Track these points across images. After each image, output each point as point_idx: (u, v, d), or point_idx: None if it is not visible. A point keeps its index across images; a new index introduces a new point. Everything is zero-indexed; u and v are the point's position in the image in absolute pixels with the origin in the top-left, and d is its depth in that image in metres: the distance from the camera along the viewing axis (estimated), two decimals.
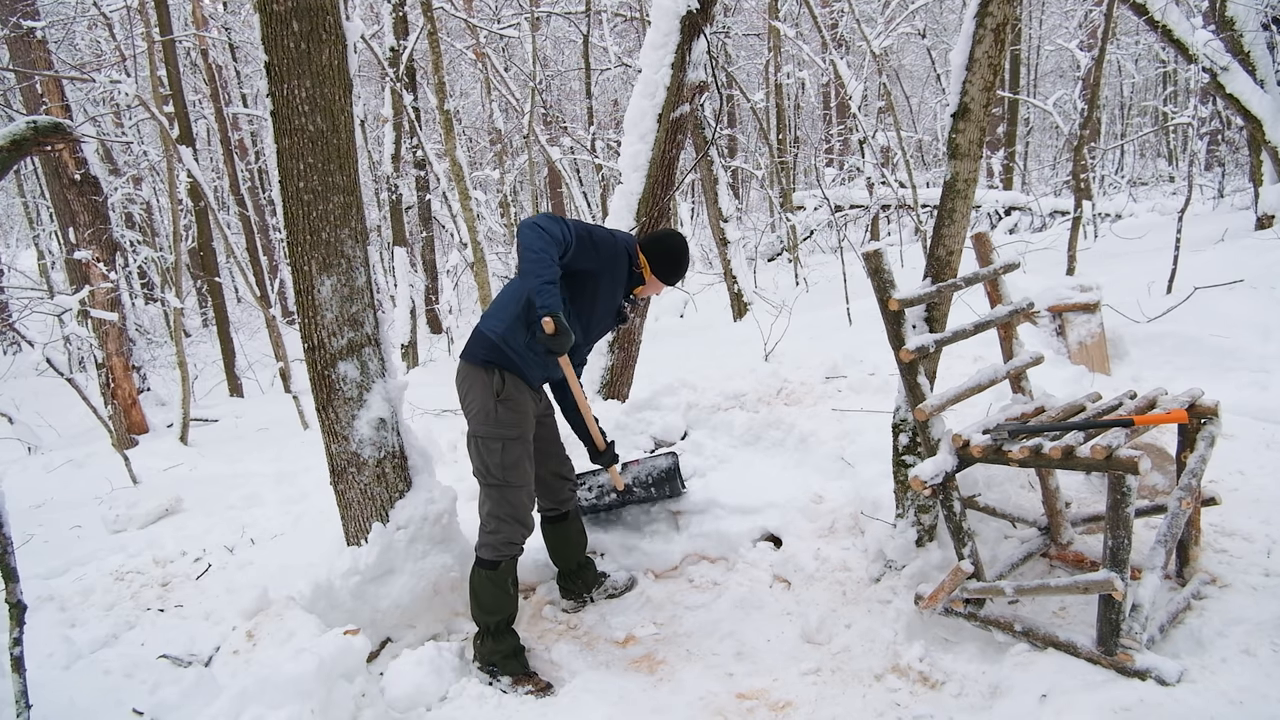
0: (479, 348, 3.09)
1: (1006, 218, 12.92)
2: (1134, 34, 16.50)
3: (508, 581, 3.10)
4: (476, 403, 3.05)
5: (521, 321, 3.04)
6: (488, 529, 3.08)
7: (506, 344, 3.04)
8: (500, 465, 3.03)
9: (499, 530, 3.06)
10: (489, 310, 3.19)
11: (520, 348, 3.05)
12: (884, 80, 11.53)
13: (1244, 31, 7.59)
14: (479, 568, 3.08)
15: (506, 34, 12.30)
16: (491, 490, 3.06)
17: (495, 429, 3.03)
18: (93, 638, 3.29)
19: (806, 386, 4.76)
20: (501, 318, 3.08)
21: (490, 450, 3.03)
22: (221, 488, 5.52)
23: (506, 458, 3.03)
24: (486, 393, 3.02)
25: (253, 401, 10.78)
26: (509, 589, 3.10)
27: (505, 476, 3.04)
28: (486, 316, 3.16)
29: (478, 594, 3.07)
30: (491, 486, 3.06)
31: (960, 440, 2.74)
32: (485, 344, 3.07)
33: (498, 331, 3.06)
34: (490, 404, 3.02)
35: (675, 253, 3.25)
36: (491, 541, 3.06)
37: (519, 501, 3.08)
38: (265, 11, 2.98)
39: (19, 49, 8.44)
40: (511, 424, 3.05)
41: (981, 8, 2.83)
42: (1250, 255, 6.35)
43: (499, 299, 3.19)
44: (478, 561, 3.09)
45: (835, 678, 2.83)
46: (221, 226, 8.61)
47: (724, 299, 10.65)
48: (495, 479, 3.04)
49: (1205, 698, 2.27)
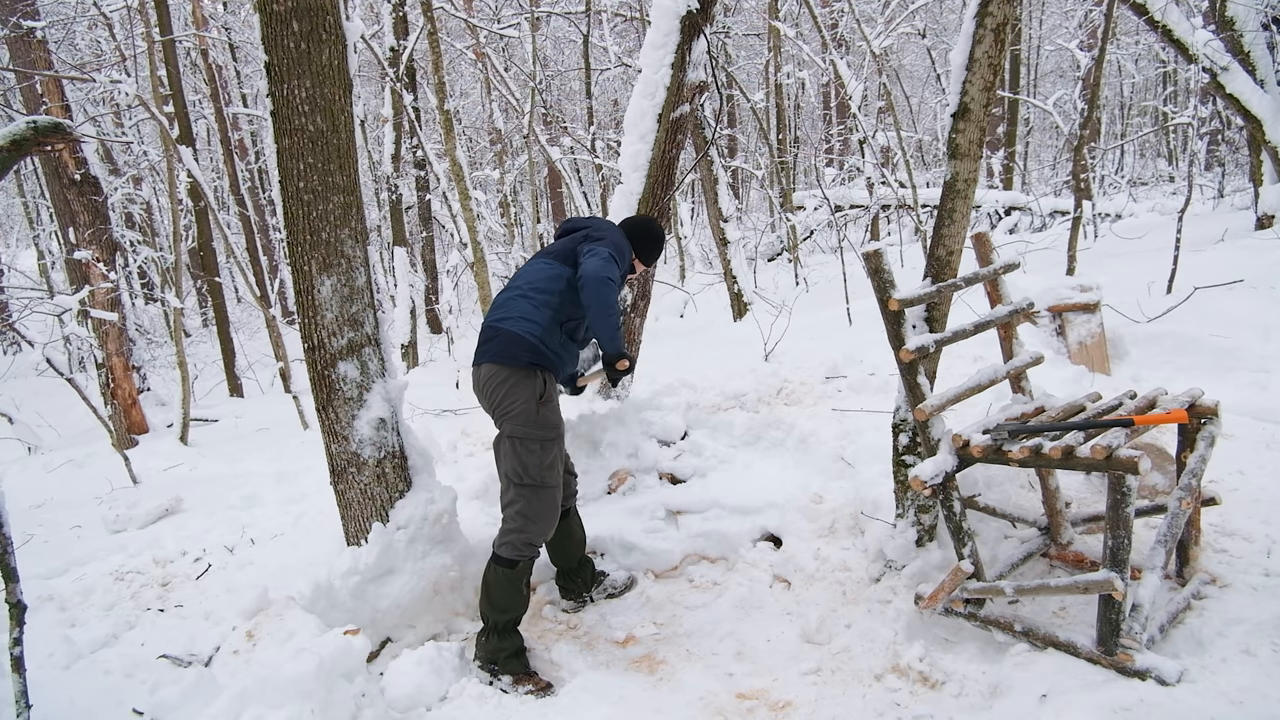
0: (519, 350, 3.03)
1: (1006, 218, 12.91)
2: (1134, 34, 16.50)
3: (523, 581, 3.11)
4: (519, 404, 3.02)
5: (557, 323, 3.09)
6: (512, 527, 3.06)
7: (545, 345, 3.05)
8: (540, 466, 3.04)
9: (524, 530, 3.06)
10: (513, 311, 3.11)
11: (557, 348, 3.10)
12: (884, 80, 11.53)
13: (1244, 31, 7.59)
14: (496, 565, 3.07)
15: (506, 34, 12.29)
16: (525, 490, 3.05)
17: (538, 430, 3.03)
18: (93, 638, 3.29)
19: (806, 386, 4.76)
20: (537, 320, 3.06)
21: (530, 451, 3.03)
22: (221, 488, 5.51)
23: (545, 458, 3.06)
24: (530, 395, 3.02)
25: (253, 401, 10.77)
26: (522, 589, 3.11)
27: (543, 477, 3.06)
28: (516, 318, 3.08)
29: (491, 591, 3.07)
30: (526, 487, 3.05)
31: (960, 440, 2.74)
32: (525, 346, 3.03)
33: (536, 335, 3.04)
34: (534, 405, 3.02)
35: (654, 236, 3.50)
36: (514, 541, 3.06)
37: (550, 502, 3.10)
38: (265, 11, 2.98)
39: (19, 49, 8.43)
40: (553, 424, 3.09)
41: (981, 8, 2.83)
42: (1250, 255, 6.35)
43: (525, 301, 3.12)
44: (495, 559, 3.08)
45: (835, 678, 2.83)
46: (221, 226, 8.61)
47: (724, 299, 10.64)
48: (532, 479, 3.04)
49: (1205, 698, 2.27)
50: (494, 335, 3.09)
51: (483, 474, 4.40)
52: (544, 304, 3.09)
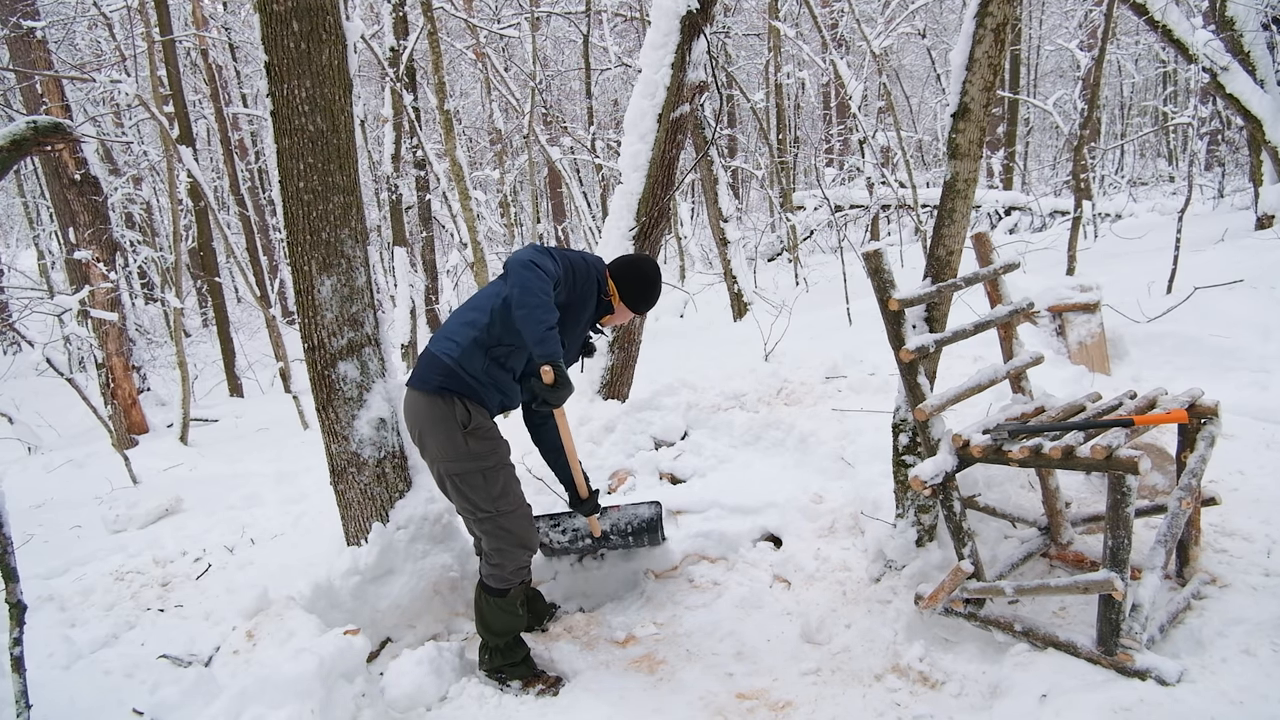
0: (431, 373, 2.77)
1: (1006, 218, 12.92)
2: (1134, 34, 16.50)
3: (516, 604, 2.98)
4: (439, 437, 2.77)
5: (480, 346, 2.79)
6: (492, 561, 2.89)
7: (463, 368, 2.77)
8: (489, 498, 2.81)
9: (504, 563, 2.89)
10: (440, 331, 2.89)
11: (478, 373, 2.79)
12: (884, 80, 11.54)
13: (1244, 31, 7.59)
14: (486, 595, 2.93)
15: (506, 34, 12.29)
16: (485, 524, 2.85)
17: (470, 463, 2.79)
18: (93, 638, 3.29)
19: (806, 386, 4.76)
20: (457, 340, 2.79)
21: (472, 486, 2.80)
22: (221, 488, 5.52)
23: (492, 489, 2.81)
24: (450, 425, 2.75)
25: (253, 401, 10.78)
26: (518, 610, 2.99)
27: (496, 507, 2.83)
28: (438, 338, 2.85)
29: (486, 618, 2.95)
30: (484, 520, 2.84)
31: (960, 440, 2.74)
32: (438, 369, 2.78)
33: (452, 356, 2.77)
34: (457, 437, 2.76)
35: (646, 280, 3.04)
36: (498, 574, 2.90)
37: (519, 524, 2.90)
38: (265, 11, 2.98)
39: (19, 49, 8.44)
40: (487, 453, 2.81)
41: (981, 8, 2.83)
42: (1250, 255, 6.35)
43: (453, 319, 2.90)
44: (485, 588, 2.94)
45: (835, 678, 2.83)
46: (221, 226, 8.61)
47: (724, 299, 10.65)
48: (486, 511, 2.83)
49: (1205, 698, 2.27)
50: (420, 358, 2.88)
51: None
52: (470, 323, 2.81)
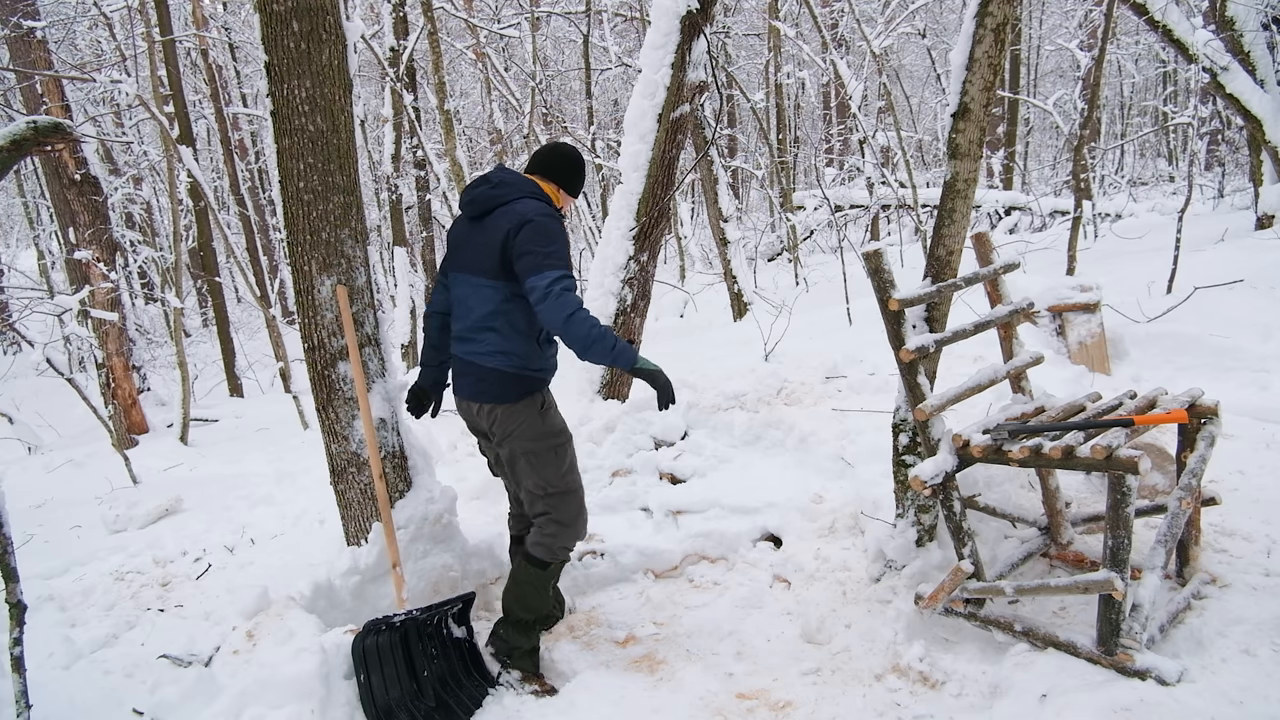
0: (508, 388, 2.95)
1: (1006, 218, 12.92)
2: (1134, 34, 16.50)
3: (552, 582, 3.14)
4: (524, 425, 3.00)
5: (534, 342, 2.98)
6: (547, 532, 3.06)
7: (529, 368, 2.98)
8: (559, 473, 3.05)
9: (558, 536, 3.06)
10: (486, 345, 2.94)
11: (542, 364, 3.04)
12: (884, 80, 11.53)
13: (1244, 31, 7.59)
14: (529, 564, 3.07)
15: (506, 34, 12.29)
16: (553, 499, 3.06)
17: (549, 439, 3.04)
18: (93, 638, 3.29)
19: (806, 386, 4.76)
20: (512, 351, 2.93)
21: (546, 462, 3.03)
22: (221, 488, 5.52)
23: (562, 464, 3.06)
24: (532, 413, 3.00)
25: (253, 401, 10.78)
26: (550, 589, 3.14)
27: (566, 481, 3.06)
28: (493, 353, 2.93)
29: (522, 589, 3.07)
30: (553, 495, 3.05)
31: (960, 440, 2.74)
32: (513, 382, 2.96)
33: (517, 365, 2.95)
34: (537, 422, 3.02)
35: (570, 159, 3.08)
36: (550, 544, 3.06)
37: (579, 504, 3.11)
38: (265, 11, 2.98)
39: (19, 49, 8.44)
40: (559, 429, 3.09)
41: (981, 8, 2.83)
42: (1250, 255, 6.35)
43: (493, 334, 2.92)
44: (528, 558, 3.08)
45: (835, 678, 2.83)
46: (221, 226, 8.61)
47: (724, 299, 10.64)
48: (557, 487, 3.04)
49: (1205, 698, 2.27)
50: (472, 371, 2.98)
51: (483, 474, 4.39)
52: (512, 329, 2.93)
